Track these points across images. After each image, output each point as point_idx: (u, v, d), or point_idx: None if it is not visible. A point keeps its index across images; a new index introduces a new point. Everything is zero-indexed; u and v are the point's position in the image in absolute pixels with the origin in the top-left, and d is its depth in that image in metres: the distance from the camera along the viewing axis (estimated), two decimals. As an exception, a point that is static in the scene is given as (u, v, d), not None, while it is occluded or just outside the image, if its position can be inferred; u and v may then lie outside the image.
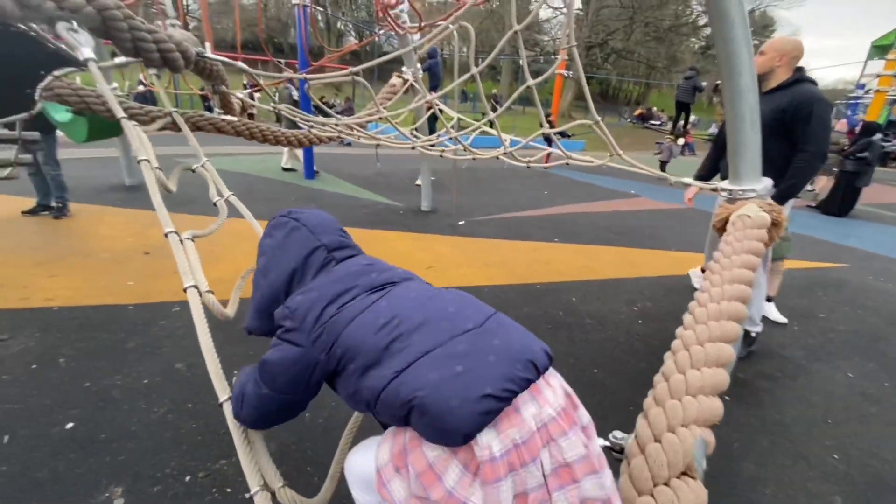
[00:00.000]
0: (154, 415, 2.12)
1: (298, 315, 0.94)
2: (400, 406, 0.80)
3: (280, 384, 0.94)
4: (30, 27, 1.47)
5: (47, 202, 4.78)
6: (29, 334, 2.68)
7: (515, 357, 0.83)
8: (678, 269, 4.39)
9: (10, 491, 1.68)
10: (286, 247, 1.09)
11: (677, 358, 1.16)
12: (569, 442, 0.79)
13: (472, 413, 0.74)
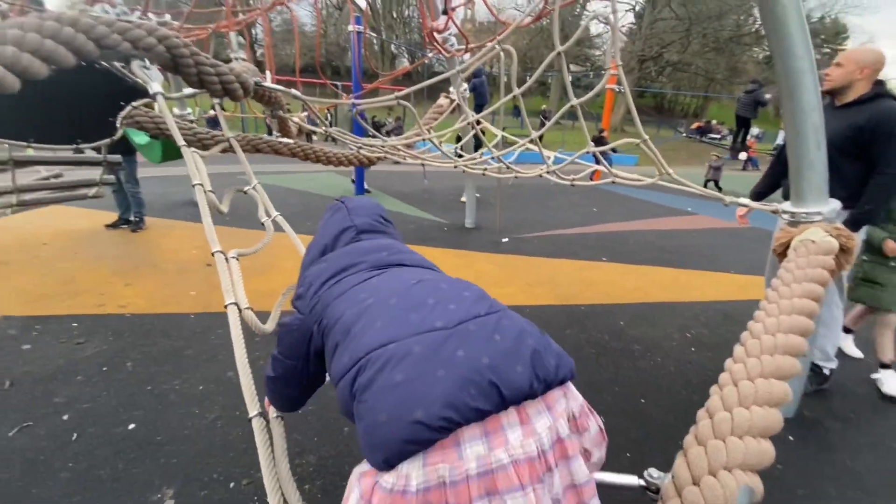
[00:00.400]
0: (205, 420, 2.24)
1: (306, 283, 0.96)
2: (350, 399, 0.73)
3: (284, 347, 0.98)
4: (111, 64, 1.66)
5: (127, 216, 5.28)
6: (103, 338, 2.94)
7: (472, 378, 0.65)
8: (738, 294, 4.10)
9: (75, 487, 1.83)
10: (328, 224, 1.19)
11: (724, 394, 1.08)
12: (517, 502, 0.62)
13: (395, 438, 0.63)
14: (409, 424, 0.62)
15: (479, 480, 0.62)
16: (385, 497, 0.62)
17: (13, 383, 2.44)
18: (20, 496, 1.77)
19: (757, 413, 0.99)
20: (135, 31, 1.66)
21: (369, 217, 1.19)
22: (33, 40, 1.31)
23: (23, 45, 1.28)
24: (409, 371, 0.67)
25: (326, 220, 1.24)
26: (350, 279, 0.90)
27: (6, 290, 3.55)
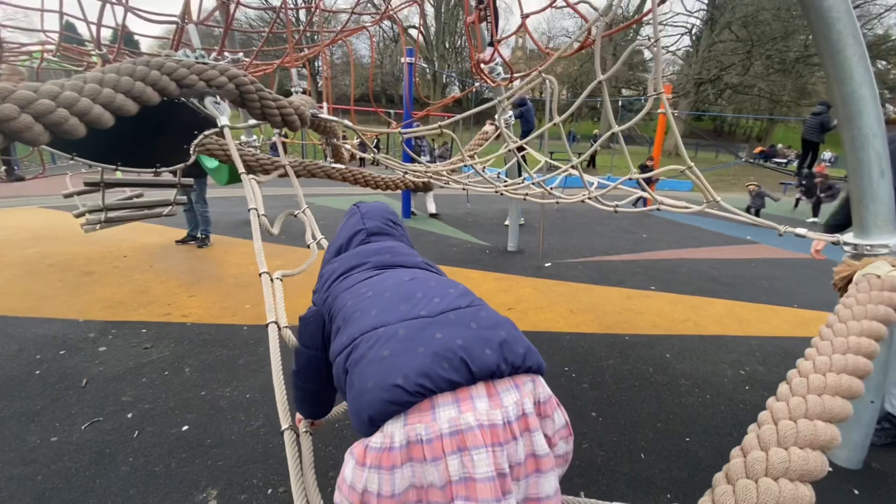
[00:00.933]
0: (250, 427, 2.37)
1: (322, 280, 1.13)
2: (342, 374, 0.85)
3: (304, 338, 1.12)
4: (188, 99, 1.88)
5: (195, 233, 5.76)
6: (166, 345, 3.20)
7: (446, 354, 0.77)
8: (800, 330, 3.79)
9: (132, 481, 1.99)
10: (344, 227, 1.34)
11: (761, 432, 1.02)
12: (482, 458, 0.71)
13: (380, 399, 0.74)
14: (391, 388, 0.74)
15: (451, 438, 0.72)
16: (375, 455, 0.73)
17: (89, 381, 2.71)
18: (86, 485, 1.95)
19: (796, 455, 0.94)
20: (209, 72, 1.88)
21: (379, 220, 1.32)
22: (127, 83, 1.53)
23: (118, 87, 1.50)
24: (393, 348, 0.80)
25: (344, 223, 1.40)
26: (356, 276, 1.05)
27: (89, 297, 3.96)
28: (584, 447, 2.29)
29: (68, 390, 2.62)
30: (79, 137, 1.34)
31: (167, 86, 1.70)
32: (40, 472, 2.02)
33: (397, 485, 0.72)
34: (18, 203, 7.77)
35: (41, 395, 2.56)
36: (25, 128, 1.15)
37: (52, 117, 1.23)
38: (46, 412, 2.42)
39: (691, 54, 26.17)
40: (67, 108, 1.29)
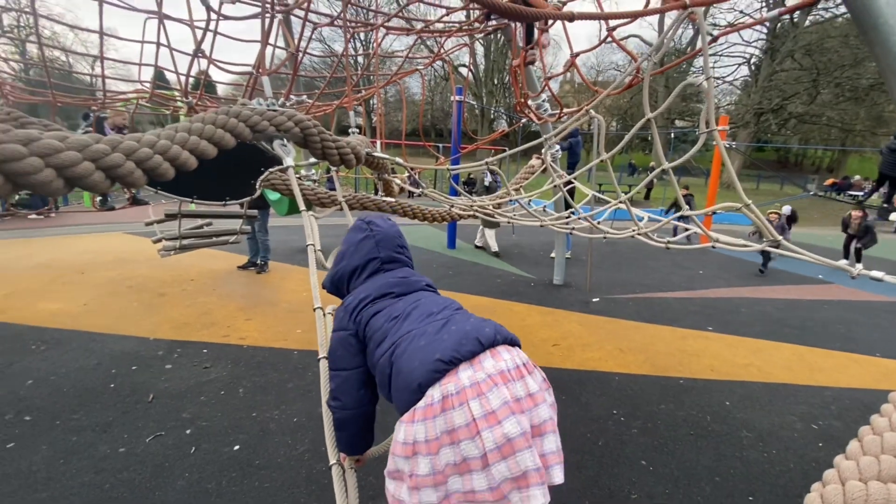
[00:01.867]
0: (296, 451, 2.45)
1: (348, 310, 1.30)
2: (388, 367, 1.13)
3: (337, 359, 1.27)
4: (258, 142, 2.09)
5: (256, 260, 6.14)
6: (223, 366, 3.40)
7: (463, 336, 1.09)
8: (884, 383, 3.42)
9: (186, 496, 2.10)
10: (358, 248, 1.48)
11: (825, 492, 0.95)
12: (495, 394, 0.99)
13: (425, 371, 1.04)
14: (434, 362, 1.05)
15: (471, 388, 1.00)
16: (421, 411, 1.01)
17: (155, 397, 2.93)
18: (146, 496, 2.09)
19: (867, 524, 0.87)
20: (278, 118, 2.08)
21: (391, 250, 1.49)
22: (209, 131, 1.73)
23: (202, 135, 1.70)
24: (428, 339, 1.11)
25: (356, 242, 1.50)
26: (383, 302, 1.30)
27: (160, 317, 4.31)
28: (632, 497, 2.17)
29: (137, 404, 2.84)
30: (169, 179, 1.53)
31: (242, 131, 1.90)
32: (108, 480, 2.18)
33: (437, 429, 0.98)
34: (106, 229, 8.67)
35: (113, 408, 2.79)
36: (128, 173, 1.33)
37: (150, 163, 1.42)
38: (117, 424, 2.63)
39: (750, 84, 25.21)
40: (162, 155, 1.48)
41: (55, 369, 3.23)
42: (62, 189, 1.17)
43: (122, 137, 1.38)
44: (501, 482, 0.95)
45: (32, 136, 1.07)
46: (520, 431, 0.96)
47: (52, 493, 2.09)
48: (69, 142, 1.16)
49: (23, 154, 1.01)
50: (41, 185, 1.08)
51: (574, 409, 2.96)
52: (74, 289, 5.01)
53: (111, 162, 1.28)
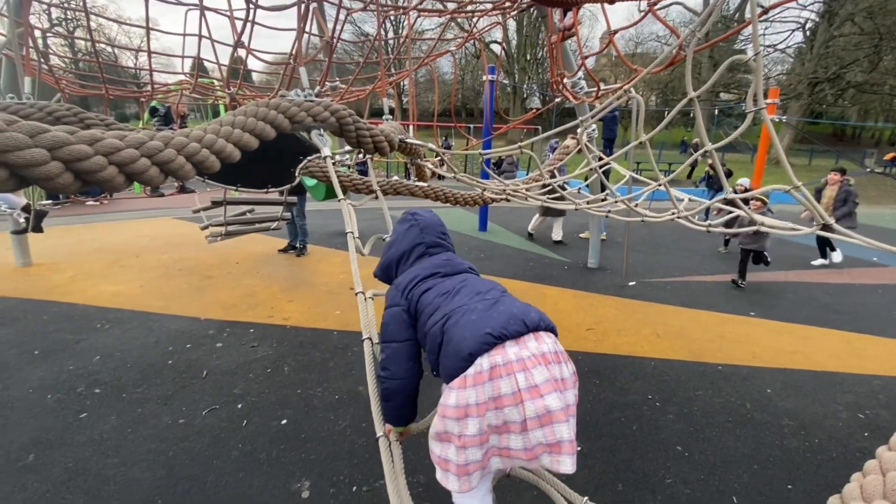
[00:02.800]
0: (338, 427, 2.59)
1: (400, 286, 1.43)
2: (440, 335, 1.23)
3: (389, 333, 1.37)
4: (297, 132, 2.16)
5: (295, 243, 6.37)
6: (269, 345, 3.59)
7: (511, 317, 1.18)
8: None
9: (241, 465, 2.28)
10: (405, 236, 1.62)
11: (865, 482, 0.93)
12: (538, 371, 1.10)
13: (476, 341, 1.13)
14: (484, 335, 1.14)
15: (517, 362, 1.10)
16: (472, 378, 1.11)
17: (209, 373, 3.14)
18: (206, 464, 2.27)
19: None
20: (315, 108, 2.14)
21: (434, 235, 1.65)
22: (251, 123, 1.80)
23: (245, 128, 1.78)
24: (478, 314, 1.21)
25: (403, 231, 1.67)
26: (432, 281, 1.42)
27: (209, 299, 4.57)
28: (667, 482, 2.17)
29: (193, 379, 3.06)
30: (215, 171, 1.62)
31: (282, 123, 1.97)
32: (171, 448, 2.39)
33: (486, 394, 1.09)
34: (156, 214, 9.18)
35: (172, 382, 3.02)
36: (180, 167, 1.42)
37: (198, 157, 1.51)
38: (177, 397, 2.85)
39: (804, 51, 23.33)
40: (208, 148, 1.57)
41: (119, 346, 3.51)
42: (123, 184, 1.27)
43: (173, 133, 1.47)
44: (536, 446, 1.09)
45: (96, 136, 1.16)
46: (561, 406, 1.08)
47: (122, 458, 2.31)
48: (128, 140, 1.25)
49: (88, 154, 1.10)
50: (106, 181, 1.17)
51: (608, 393, 2.96)
52: (131, 271, 5.37)
53: (165, 157, 1.36)
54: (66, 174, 1.04)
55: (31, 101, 2.65)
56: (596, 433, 2.56)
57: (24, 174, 0.97)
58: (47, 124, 1.04)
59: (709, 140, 2.22)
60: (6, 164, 0.92)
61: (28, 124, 0.97)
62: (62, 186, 1.05)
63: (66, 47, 22.13)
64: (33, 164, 0.96)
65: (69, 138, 1.04)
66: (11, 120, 0.94)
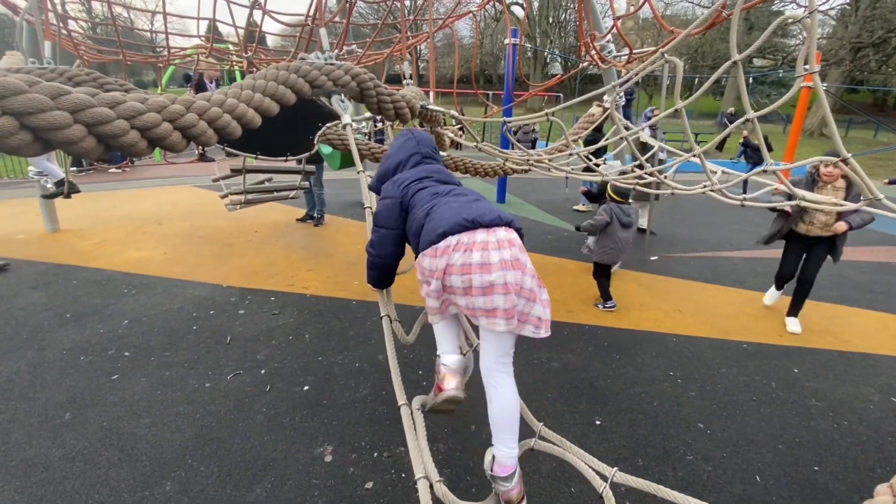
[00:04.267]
0: (359, 394, 2.63)
1: (398, 182, 1.59)
2: (424, 217, 1.42)
3: (382, 219, 1.54)
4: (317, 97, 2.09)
5: (313, 213, 6.37)
6: (290, 313, 3.64)
7: (488, 211, 1.38)
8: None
9: (266, 428, 2.34)
10: (402, 147, 1.75)
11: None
12: (495, 253, 1.28)
13: (451, 223, 1.33)
14: (460, 219, 1.33)
15: (479, 243, 1.30)
16: (443, 248, 1.32)
17: (232, 339, 3.21)
18: (232, 427, 2.34)
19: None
20: (336, 72, 2.05)
21: (429, 148, 1.78)
22: (272, 87, 1.74)
23: (265, 92, 1.72)
24: (459, 204, 1.41)
25: (400, 143, 1.78)
26: (425, 182, 1.58)
27: (230, 266, 4.64)
28: (687, 458, 2.16)
29: (217, 345, 3.13)
30: (236, 137, 1.57)
31: (302, 87, 1.89)
32: (198, 410, 2.46)
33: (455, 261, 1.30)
34: (176, 183, 9.26)
35: (197, 347, 3.10)
36: (202, 132, 1.38)
37: (220, 122, 1.46)
38: (202, 362, 2.92)
39: (848, 13, 21.71)
40: (230, 113, 1.52)
41: (145, 311, 3.60)
42: (146, 149, 1.23)
43: (195, 97, 1.42)
44: (476, 308, 1.30)
45: (118, 98, 1.12)
46: (502, 282, 1.27)
47: (152, 419, 2.39)
48: (149, 103, 1.21)
49: (111, 117, 1.07)
50: (128, 146, 1.14)
51: (628, 369, 2.94)
52: (154, 238, 5.47)
53: (187, 122, 1.32)
54: (89, 138, 1.01)
55: (52, 65, 2.62)
56: (615, 408, 2.55)
57: (48, 137, 0.94)
58: (68, 87, 1.00)
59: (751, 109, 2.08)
60: (29, 126, 0.89)
61: (49, 85, 0.93)
62: (85, 151, 1.02)
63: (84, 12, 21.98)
64: (56, 128, 0.93)
65: (91, 101, 1.00)
66: (33, 81, 0.90)
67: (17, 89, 0.87)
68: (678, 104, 2.34)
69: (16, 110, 0.87)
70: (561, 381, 2.78)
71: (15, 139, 0.88)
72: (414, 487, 1.96)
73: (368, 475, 2.05)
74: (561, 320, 3.50)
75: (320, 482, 2.01)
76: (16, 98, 0.87)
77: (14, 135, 0.88)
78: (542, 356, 3.02)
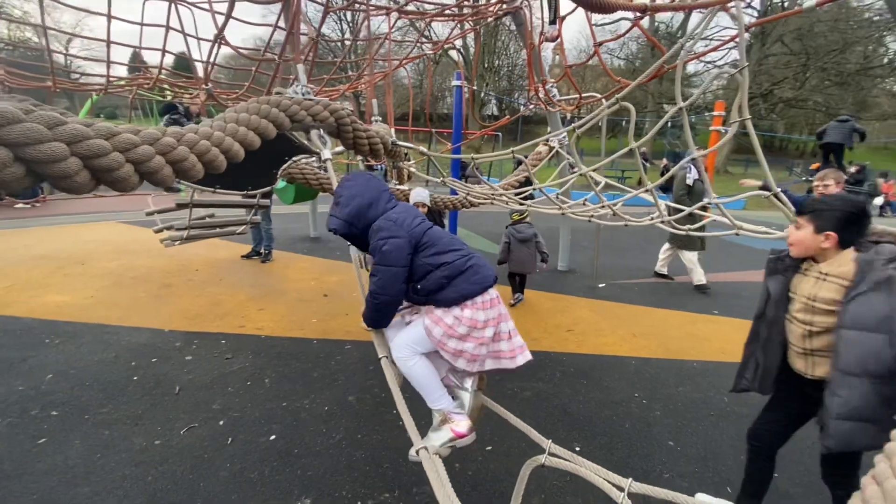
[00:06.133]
0: (332, 440, 2.47)
1: (399, 222, 1.57)
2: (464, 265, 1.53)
3: (394, 258, 1.52)
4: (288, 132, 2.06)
5: (258, 249, 6.07)
6: (245, 356, 3.39)
7: (491, 274, 1.58)
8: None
9: (232, 486, 2.12)
10: (368, 186, 1.69)
11: (894, 463, 1.01)
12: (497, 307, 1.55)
13: (491, 278, 1.55)
14: (494, 276, 1.57)
15: (496, 298, 1.53)
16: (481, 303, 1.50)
17: (181, 389, 2.91)
18: (191, 488, 2.10)
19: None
20: (315, 107, 2.05)
21: (386, 187, 1.79)
22: (255, 121, 1.70)
23: (249, 125, 1.67)
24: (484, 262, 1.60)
25: (363, 182, 1.71)
26: (424, 221, 1.65)
27: (171, 308, 4.26)
28: (664, 477, 2.25)
29: (164, 396, 2.83)
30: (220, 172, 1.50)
31: (284, 122, 1.87)
32: (149, 472, 2.19)
33: (491, 315, 1.50)
34: (99, 218, 8.45)
35: (141, 400, 2.78)
36: (191, 166, 1.31)
37: (209, 156, 1.40)
38: (148, 416, 2.62)
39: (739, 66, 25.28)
40: (217, 147, 1.45)
41: (73, 363, 3.18)
42: (137, 184, 1.15)
43: (183, 130, 1.35)
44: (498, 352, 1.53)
45: (112, 129, 1.04)
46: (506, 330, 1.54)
47: (93, 487, 2.08)
48: (143, 135, 1.14)
49: (106, 150, 0.99)
50: (120, 181, 1.06)
51: (596, 393, 3.04)
52: (77, 280, 4.91)
53: (178, 156, 1.25)
54: (84, 172, 0.93)
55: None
56: (591, 432, 2.61)
57: (40, 171, 0.85)
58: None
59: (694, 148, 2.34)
60: (24, 159, 0.80)
61: (46, 114, 0.85)
62: (77, 186, 0.93)
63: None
64: (52, 160, 0.84)
65: (88, 132, 0.93)
66: (29, 109, 0.82)
67: (14, 118, 0.79)
68: (632, 144, 2.57)
69: (11, 141, 0.78)
70: (536, 410, 2.81)
71: (7, 173, 0.79)
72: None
73: (354, 527, 1.92)
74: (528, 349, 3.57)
75: (301, 541, 1.84)
76: (12, 128, 0.78)
77: (6, 168, 0.79)
78: (514, 386, 3.04)
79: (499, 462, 2.29)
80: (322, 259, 6.25)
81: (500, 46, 32.55)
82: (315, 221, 7.52)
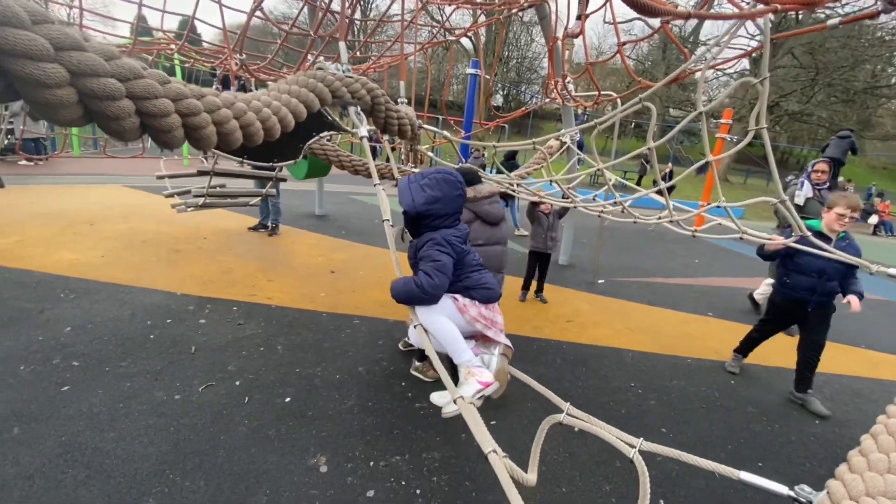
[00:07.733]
0: (344, 406, 2.59)
1: (451, 244, 1.71)
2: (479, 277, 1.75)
3: (445, 269, 1.66)
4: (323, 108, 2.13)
5: (266, 222, 6.13)
6: (256, 323, 3.49)
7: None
8: (869, 371, 3.74)
9: (252, 440, 2.24)
10: (453, 201, 1.78)
11: (879, 441, 1.14)
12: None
13: (486, 297, 1.70)
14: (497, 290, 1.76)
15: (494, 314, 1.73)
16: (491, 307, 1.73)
17: (197, 349, 3.01)
18: (213, 439, 2.21)
19: None
20: (354, 85, 2.12)
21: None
22: (304, 94, 1.78)
23: (300, 97, 1.75)
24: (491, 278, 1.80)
25: (453, 196, 1.78)
26: (464, 244, 1.78)
27: (182, 273, 4.33)
28: (657, 460, 2.39)
29: (181, 355, 2.93)
30: (274, 139, 1.58)
31: (326, 97, 1.94)
32: (171, 424, 2.29)
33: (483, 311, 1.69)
34: (104, 181, 8.44)
35: (159, 357, 2.87)
36: (256, 132, 1.39)
37: (269, 123, 1.48)
38: (167, 373, 2.72)
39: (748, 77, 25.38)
40: (276, 115, 1.53)
41: (90, 318, 3.27)
42: (212, 143, 1.23)
43: (248, 96, 1.43)
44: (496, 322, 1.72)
45: (202, 91, 1.12)
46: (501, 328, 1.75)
47: (118, 433, 2.19)
48: (222, 98, 1.21)
49: (199, 109, 1.07)
50: (203, 139, 1.14)
51: (594, 380, 3.18)
52: (87, 240, 4.96)
53: (247, 121, 1.33)
54: (180, 129, 1.01)
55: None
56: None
57: (149, 123, 0.93)
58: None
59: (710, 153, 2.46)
60: (140, 112, 0.89)
61: (157, 72, 0.93)
62: (171, 140, 1.02)
63: None
64: (162, 115, 0.93)
65: (186, 91, 1.01)
66: (164, 79, 0.91)
67: (140, 73, 0.88)
68: (649, 144, 2.68)
69: (136, 94, 0.87)
70: (538, 393, 2.94)
71: (128, 122, 0.87)
72: (417, 494, 2.00)
73: (368, 484, 2.04)
74: (530, 335, 3.71)
75: (319, 492, 1.97)
76: (137, 82, 0.87)
77: (129, 118, 0.87)
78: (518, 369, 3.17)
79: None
80: (329, 237, 6.32)
81: (510, 38, 32.31)
82: (321, 199, 7.56)
